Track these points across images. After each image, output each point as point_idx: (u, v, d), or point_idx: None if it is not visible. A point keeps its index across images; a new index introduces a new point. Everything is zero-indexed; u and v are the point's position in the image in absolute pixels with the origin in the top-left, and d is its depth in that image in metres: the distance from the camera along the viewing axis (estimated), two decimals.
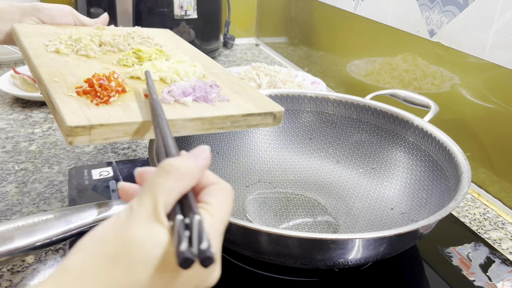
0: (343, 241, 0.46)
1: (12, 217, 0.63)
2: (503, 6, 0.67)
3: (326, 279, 0.54)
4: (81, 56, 0.58)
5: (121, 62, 0.57)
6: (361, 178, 0.71)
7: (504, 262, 0.57)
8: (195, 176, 0.30)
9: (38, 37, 0.61)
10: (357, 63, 1.06)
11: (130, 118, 0.42)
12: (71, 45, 0.59)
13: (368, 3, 0.98)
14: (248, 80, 1.00)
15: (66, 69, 0.52)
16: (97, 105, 0.44)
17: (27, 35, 0.61)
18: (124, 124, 0.42)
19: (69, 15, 0.69)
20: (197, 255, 0.25)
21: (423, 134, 0.66)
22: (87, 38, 0.61)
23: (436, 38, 0.80)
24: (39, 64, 0.52)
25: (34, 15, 0.66)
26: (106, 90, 0.46)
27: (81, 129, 0.39)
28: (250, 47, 1.57)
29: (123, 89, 0.48)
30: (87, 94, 0.45)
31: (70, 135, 0.39)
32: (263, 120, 0.50)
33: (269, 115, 0.50)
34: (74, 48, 0.59)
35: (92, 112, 0.42)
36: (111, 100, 0.45)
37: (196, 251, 0.25)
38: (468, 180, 0.53)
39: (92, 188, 0.67)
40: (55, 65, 0.53)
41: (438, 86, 0.82)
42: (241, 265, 0.55)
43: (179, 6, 1.19)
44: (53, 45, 0.58)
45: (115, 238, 0.26)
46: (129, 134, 0.42)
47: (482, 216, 0.70)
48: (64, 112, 0.41)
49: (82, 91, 0.45)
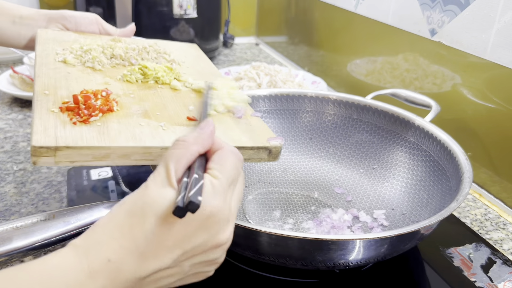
0: (343, 242, 0.46)
1: (11, 218, 0.63)
2: (504, 5, 0.66)
3: (327, 280, 0.54)
4: (87, 68, 0.56)
5: (124, 77, 0.55)
6: (362, 179, 0.70)
7: (505, 263, 0.57)
8: (200, 143, 0.35)
9: (54, 45, 0.60)
10: (357, 62, 1.05)
11: (100, 142, 0.40)
12: (80, 56, 0.58)
13: (368, 2, 0.98)
14: (248, 80, 1.00)
15: (64, 81, 0.51)
16: (75, 124, 0.42)
17: (45, 42, 0.61)
18: (92, 148, 0.40)
19: (95, 23, 0.69)
20: (186, 204, 0.30)
21: (424, 134, 0.66)
22: (98, 50, 0.60)
23: (437, 37, 0.80)
24: (39, 74, 0.51)
25: (60, 22, 0.67)
26: (89, 109, 0.44)
27: (45, 150, 0.38)
28: (250, 46, 1.57)
29: (109, 108, 0.46)
30: (69, 111, 0.44)
31: (34, 155, 0.38)
32: (256, 155, 0.47)
33: (263, 150, 0.47)
34: (82, 60, 0.58)
35: (65, 132, 0.40)
36: (91, 119, 0.43)
37: (188, 201, 0.30)
38: (470, 181, 0.53)
39: (91, 189, 0.67)
40: (55, 76, 0.52)
41: (439, 85, 0.81)
42: (241, 266, 0.55)
43: (179, 5, 1.18)
44: (63, 54, 0.58)
45: (134, 200, 0.32)
46: (98, 159, 0.40)
47: (483, 216, 0.69)
48: (35, 130, 0.40)
49: (66, 107, 0.44)
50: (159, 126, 0.45)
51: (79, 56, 0.58)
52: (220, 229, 0.33)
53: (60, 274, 0.30)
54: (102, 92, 0.48)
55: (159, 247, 0.31)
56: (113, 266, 0.30)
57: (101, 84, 0.53)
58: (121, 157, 0.41)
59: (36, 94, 0.47)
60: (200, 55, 0.72)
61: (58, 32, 0.66)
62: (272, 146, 0.47)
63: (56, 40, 0.62)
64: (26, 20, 0.65)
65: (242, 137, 0.47)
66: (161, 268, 0.32)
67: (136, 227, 0.31)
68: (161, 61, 0.63)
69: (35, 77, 0.51)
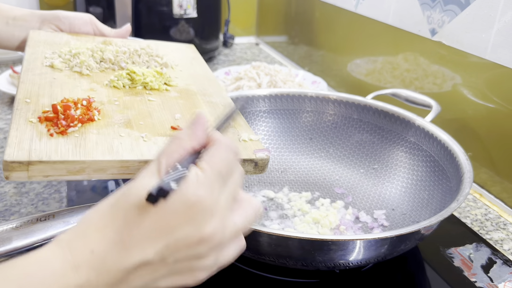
0: (344, 242, 0.46)
1: (11, 218, 0.63)
2: (504, 5, 0.66)
3: (327, 280, 0.54)
4: (74, 73, 0.55)
5: (112, 83, 0.54)
6: (362, 179, 0.70)
7: (505, 263, 0.57)
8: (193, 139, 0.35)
9: (44, 47, 0.59)
10: (358, 62, 1.05)
11: (75, 156, 0.39)
12: (68, 60, 0.57)
13: (369, 2, 0.98)
14: (248, 80, 1.00)
15: (48, 88, 0.49)
16: (51, 136, 0.41)
17: (35, 44, 0.60)
18: (66, 163, 0.38)
19: (89, 24, 0.68)
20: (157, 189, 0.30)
21: (424, 134, 0.66)
22: (87, 54, 0.58)
23: (438, 37, 0.80)
24: (23, 80, 0.50)
25: (53, 23, 0.66)
26: (67, 120, 0.43)
27: (17, 165, 0.36)
28: (250, 46, 1.57)
29: (89, 118, 0.44)
30: (48, 122, 0.43)
31: (7, 170, 0.37)
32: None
33: (249, 162, 0.44)
34: (70, 64, 0.56)
35: (39, 145, 0.39)
36: (70, 130, 0.42)
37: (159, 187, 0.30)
38: (470, 181, 0.53)
39: (91, 189, 0.67)
40: (40, 82, 0.51)
41: (439, 85, 0.81)
42: (241, 266, 0.55)
43: (179, 5, 1.18)
44: (51, 58, 0.57)
45: (119, 193, 0.32)
46: (72, 173, 0.38)
47: (483, 216, 0.69)
48: (9, 142, 0.38)
49: (44, 117, 0.43)
50: (140, 137, 0.44)
51: (67, 60, 0.57)
52: (202, 221, 0.32)
53: (44, 266, 0.30)
54: (82, 101, 0.46)
55: (141, 238, 0.31)
56: (96, 257, 0.30)
57: (87, 91, 0.51)
58: (97, 171, 0.39)
59: (17, 102, 0.46)
60: (196, 57, 0.71)
61: (51, 33, 0.65)
62: (259, 159, 0.45)
63: (47, 42, 0.61)
64: (20, 21, 0.64)
65: None
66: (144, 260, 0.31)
67: (118, 218, 0.31)
68: (153, 64, 0.61)
69: (19, 84, 0.50)
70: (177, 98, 0.54)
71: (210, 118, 0.50)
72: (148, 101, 0.52)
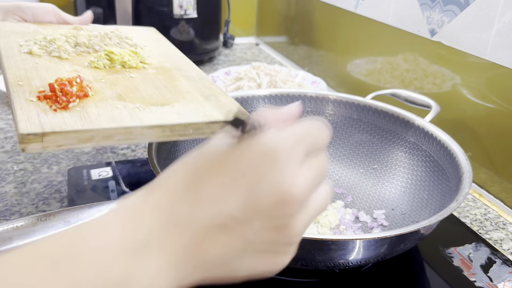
0: (343, 242, 0.46)
1: (11, 218, 0.63)
2: (504, 5, 0.66)
3: (327, 280, 0.54)
4: (53, 58, 0.57)
5: (92, 64, 0.56)
6: (361, 179, 0.70)
7: (505, 263, 0.57)
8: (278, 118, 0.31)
9: (15, 37, 0.61)
10: (357, 62, 1.05)
11: (84, 126, 0.42)
12: (45, 46, 0.59)
13: (368, 2, 0.98)
14: (248, 80, 1.00)
15: (34, 72, 0.51)
16: (55, 111, 0.43)
17: (5, 34, 0.61)
18: (77, 132, 0.41)
19: (52, 13, 0.69)
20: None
21: (424, 134, 0.66)
22: (62, 39, 0.60)
23: (437, 37, 0.80)
24: (8, 66, 0.52)
25: (17, 13, 0.67)
26: (66, 96, 0.45)
27: (33, 137, 0.39)
28: (250, 46, 1.57)
29: (85, 94, 0.47)
30: (47, 99, 0.45)
31: (23, 142, 0.39)
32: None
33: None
34: (47, 50, 0.58)
35: (48, 118, 0.42)
36: (70, 105, 0.44)
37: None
38: (469, 181, 0.53)
39: (91, 188, 0.67)
40: (25, 67, 0.52)
41: (439, 86, 0.81)
42: None
43: (179, 5, 1.18)
44: (27, 45, 0.58)
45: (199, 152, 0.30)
46: (82, 141, 0.41)
47: (483, 216, 0.69)
48: (19, 118, 0.41)
49: (43, 96, 0.45)
50: (135, 107, 0.46)
51: (44, 46, 0.58)
52: (283, 170, 0.26)
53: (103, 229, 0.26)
54: (76, 79, 0.49)
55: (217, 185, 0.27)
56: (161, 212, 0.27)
57: (71, 72, 0.53)
58: (105, 139, 0.42)
59: (10, 85, 0.47)
60: (160, 38, 0.73)
61: (16, 24, 0.66)
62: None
63: (16, 32, 0.62)
64: None
65: (213, 112, 0.47)
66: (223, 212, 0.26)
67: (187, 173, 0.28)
68: (124, 45, 0.64)
69: (4, 70, 0.51)
70: (156, 74, 0.57)
71: (190, 90, 0.52)
72: (130, 78, 0.54)
